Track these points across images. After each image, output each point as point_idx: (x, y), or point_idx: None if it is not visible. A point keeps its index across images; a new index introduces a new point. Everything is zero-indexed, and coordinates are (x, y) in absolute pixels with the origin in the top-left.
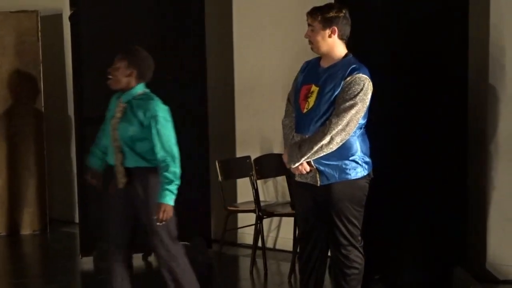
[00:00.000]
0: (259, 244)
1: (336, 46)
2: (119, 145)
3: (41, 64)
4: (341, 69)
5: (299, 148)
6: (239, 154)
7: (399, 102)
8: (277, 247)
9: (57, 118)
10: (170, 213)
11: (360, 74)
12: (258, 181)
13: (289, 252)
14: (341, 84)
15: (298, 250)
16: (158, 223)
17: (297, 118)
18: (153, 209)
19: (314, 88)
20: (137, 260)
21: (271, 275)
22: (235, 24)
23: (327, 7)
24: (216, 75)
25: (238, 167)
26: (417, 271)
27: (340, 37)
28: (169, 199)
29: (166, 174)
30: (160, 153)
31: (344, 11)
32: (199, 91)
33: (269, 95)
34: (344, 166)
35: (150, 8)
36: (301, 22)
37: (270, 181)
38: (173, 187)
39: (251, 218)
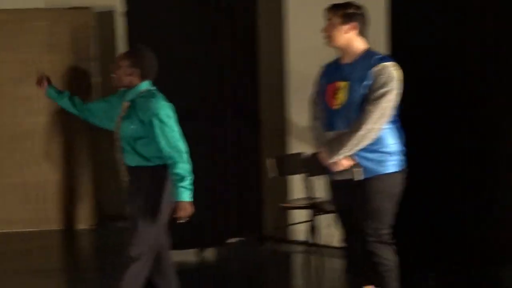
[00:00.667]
0: (313, 240)
1: (354, 41)
2: (119, 143)
3: (94, 60)
4: (366, 61)
5: (339, 142)
6: (292, 150)
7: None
8: (331, 243)
9: None
10: (189, 209)
11: (387, 62)
12: (311, 178)
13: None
14: (370, 75)
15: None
16: (180, 221)
17: (327, 116)
18: (147, 210)
19: (342, 84)
20: (191, 255)
21: (324, 272)
22: (290, 17)
23: (347, 4)
24: (269, 70)
25: (291, 164)
26: (472, 268)
27: (359, 34)
28: (186, 196)
29: (176, 171)
30: (166, 151)
31: (363, 9)
32: (251, 87)
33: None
34: (381, 159)
35: (202, 4)
36: None
37: (323, 177)
38: (187, 183)
39: (304, 214)
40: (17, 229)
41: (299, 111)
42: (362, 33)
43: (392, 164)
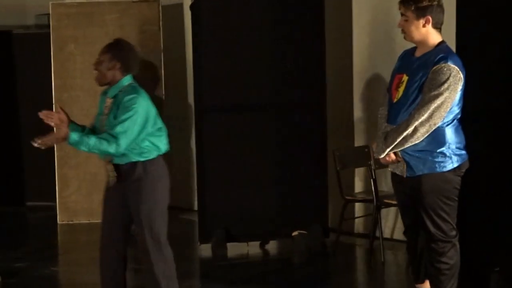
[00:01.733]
0: (377, 234)
1: (430, 35)
2: None
3: (162, 53)
4: (432, 57)
5: (385, 139)
6: (357, 143)
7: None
8: (395, 237)
9: (177, 106)
10: (56, 140)
11: (448, 63)
12: (376, 171)
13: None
14: (428, 74)
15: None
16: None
17: (389, 108)
18: (144, 204)
19: (405, 78)
20: (255, 248)
21: (388, 265)
22: (355, 12)
23: None
24: (334, 63)
25: (356, 156)
26: None
27: (434, 26)
28: (73, 138)
29: (100, 139)
30: (114, 128)
31: (437, 0)
32: (318, 79)
33: (387, 84)
34: (431, 158)
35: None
36: None
37: (388, 171)
38: (84, 143)
39: (369, 207)
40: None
41: (364, 105)
42: (438, 24)
43: (443, 164)
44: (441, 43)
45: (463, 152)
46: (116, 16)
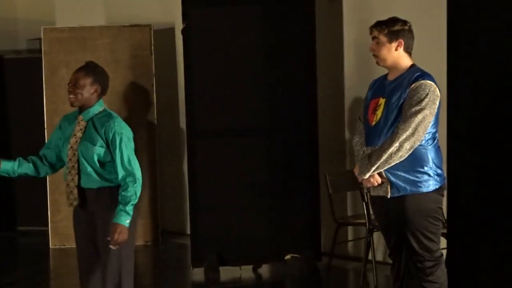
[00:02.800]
0: (370, 257)
1: (401, 58)
2: (77, 165)
3: (154, 77)
4: (407, 78)
5: (369, 158)
6: (349, 167)
7: None
8: (387, 260)
9: (169, 130)
10: (125, 235)
11: (426, 80)
12: (368, 194)
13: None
14: (407, 92)
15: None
16: (112, 246)
17: (366, 132)
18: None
19: (381, 101)
20: (247, 272)
21: None
22: (345, 32)
23: (392, 21)
24: (325, 87)
25: (348, 180)
26: None
27: (405, 50)
28: (125, 220)
29: (124, 193)
30: (121, 172)
31: (408, 24)
32: (309, 103)
33: None
34: (415, 178)
35: (259, 20)
36: (419, 27)
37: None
38: (130, 208)
39: (362, 231)
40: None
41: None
42: (408, 48)
43: (426, 184)
44: (413, 65)
45: (442, 172)
46: (107, 40)
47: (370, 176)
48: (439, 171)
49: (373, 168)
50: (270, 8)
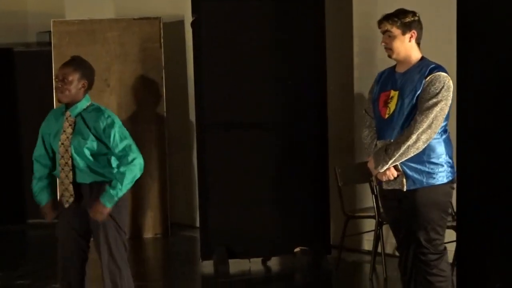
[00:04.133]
0: (379, 250)
1: (413, 50)
2: (70, 161)
3: (163, 70)
4: (419, 70)
5: (386, 151)
6: (358, 159)
7: None
8: (397, 253)
9: (178, 123)
10: (103, 216)
11: (440, 72)
12: (378, 186)
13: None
14: (422, 84)
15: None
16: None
17: (378, 125)
18: (105, 224)
19: (393, 93)
20: (256, 264)
21: (390, 281)
22: (355, 25)
23: (402, 12)
24: (335, 79)
25: (357, 173)
26: None
27: (417, 41)
28: (107, 201)
29: (119, 177)
30: (116, 162)
31: (418, 15)
32: (318, 96)
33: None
34: (430, 170)
35: (269, 13)
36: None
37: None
38: (116, 192)
39: (371, 224)
40: None
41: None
42: (419, 39)
43: (441, 175)
44: (423, 57)
45: (453, 164)
46: (117, 33)
47: (386, 169)
48: (451, 162)
49: (391, 161)
50: (279, 1)
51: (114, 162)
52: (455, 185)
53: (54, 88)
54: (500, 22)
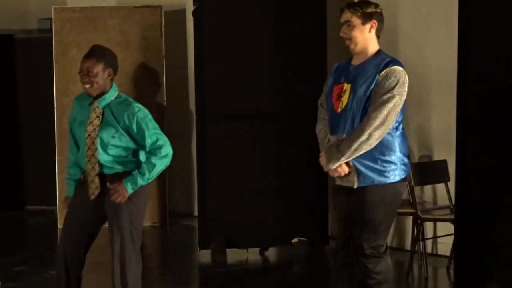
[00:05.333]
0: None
1: (371, 42)
2: (96, 153)
3: (164, 59)
4: (374, 63)
5: (338, 147)
6: None
7: None
8: (398, 245)
9: (178, 112)
10: (122, 198)
11: (396, 67)
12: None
13: (407, 251)
14: (375, 78)
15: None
16: (112, 198)
17: (331, 119)
18: (125, 213)
19: (346, 86)
20: (254, 254)
21: (392, 272)
22: None
23: (365, 2)
24: None
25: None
26: None
27: (377, 33)
28: (129, 186)
29: (147, 166)
30: (150, 146)
31: (380, 8)
32: (319, 86)
33: None
34: (382, 168)
35: (271, 4)
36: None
37: None
38: (142, 181)
39: None
40: None
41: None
42: (379, 32)
43: (393, 173)
44: (380, 50)
45: (408, 162)
46: (118, 21)
47: (336, 166)
48: (405, 160)
49: (343, 158)
50: None
51: (142, 155)
52: (407, 183)
53: (54, 74)
54: (501, 16)
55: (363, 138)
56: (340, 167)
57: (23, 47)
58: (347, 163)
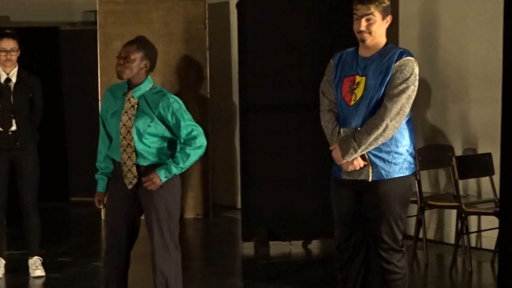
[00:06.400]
0: (420, 235)
1: (384, 35)
2: (132, 143)
3: (207, 51)
4: (386, 55)
5: (354, 139)
6: None
7: None
8: (440, 239)
9: (222, 104)
10: (155, 186)
11: (409, 57)
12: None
13: (450, 244)
14: (391, 70)
15: (338, 260)
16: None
17: (342, 112)
18: (158, 205)
19: (359, 79)
20: (297, 247)
21: (431, 267)
22: (401, 8)
23: None
24: None
25: None
26: None
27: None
28: (163, 174)
29: (182, 156)
30: (185, 138)
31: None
32: None
33: (431, 86)
34: (395, 161)
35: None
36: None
37: (431, 172)
38: (176, 170)
39: (413, 208)
40: None
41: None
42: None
43: (405, 167)
44: (388, 43)
45: (415, 154)
46: (162, 13)
47: (351, 159)
48: (414, 153)
49: (360, 150)
50: None
51: (177, 145)
52: (415, 177)
53: (99, 66)
54: None
55: (381, 129)
56: (356, 160)
57: (68, 39)
58: (362, 156)
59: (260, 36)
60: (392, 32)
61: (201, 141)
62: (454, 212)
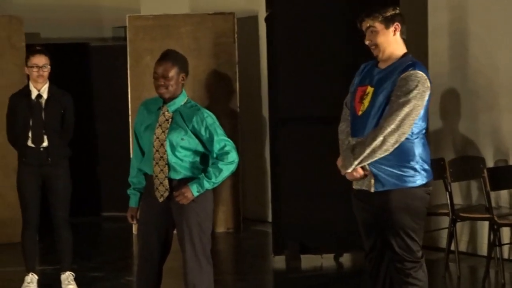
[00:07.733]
0: (452, 247)
1: (398, 45)
2: (165, 156)
3: (236, 65)
4: (397, 67)
5: (352, 151)
6: (433, 155)
7: None
8: (474, 251)
9: (251, 118)
10: (186, 201)
11: (416, 71)
12: (452, 184)
13: (483, 256)
14: (396, 82)
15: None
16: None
17: (352, 121)
18: (191, 219)
19: (370, 89)
20: (329, 260)
21: (464, 279)
22: (430, 17)
23: (382, 7)
24: None
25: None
26: None
27: (401, 36)
28: (195, 189)
29: (214, 170)
30: (217, 153)
31: (399, 9)
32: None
33: (458, 95)
34: (401, 172)
35: (343, 8)
36: None
37: (462, 184)
38: (208, 185)
39: (444, 221)
40: None
41: (438, 115)
42: (403, 34)
43: (412, 179)
44: (406, 54)
45: (429, 168)
46: (191, 28)
47: (352, 169)
48: (426, 166)
49: (356, 162)
50: None
51: (209, 160)
52: (430, 190)
53: (129, 82)
54: None
55: (377, 143)
56: (355, 171)
57: (98, 55)
58: (362, 167)
59: (289, 49)
60: (421, 42)
61: (234, 156)
62: (486, 224)
